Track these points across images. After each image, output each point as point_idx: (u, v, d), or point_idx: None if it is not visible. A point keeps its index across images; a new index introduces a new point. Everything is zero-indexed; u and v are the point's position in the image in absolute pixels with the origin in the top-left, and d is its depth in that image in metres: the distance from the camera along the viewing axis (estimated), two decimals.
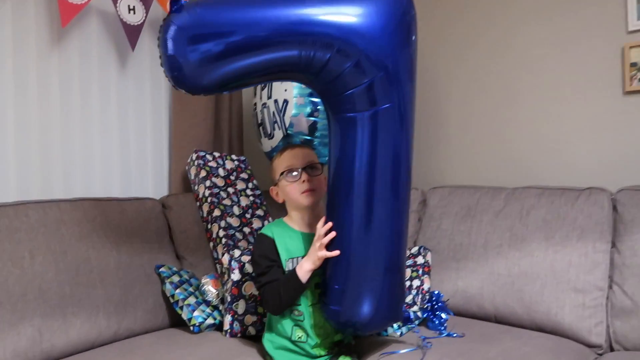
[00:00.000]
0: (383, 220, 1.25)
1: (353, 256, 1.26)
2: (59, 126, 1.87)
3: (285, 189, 1.42)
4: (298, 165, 1.40)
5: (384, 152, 1.21)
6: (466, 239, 1.76)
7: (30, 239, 1.46)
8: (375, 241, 1.25)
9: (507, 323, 1.62)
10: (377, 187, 1.23)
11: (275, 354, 1.39)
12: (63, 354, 1.42)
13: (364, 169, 1.22)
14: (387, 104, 1.19)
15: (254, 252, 1.44)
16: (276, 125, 1.93)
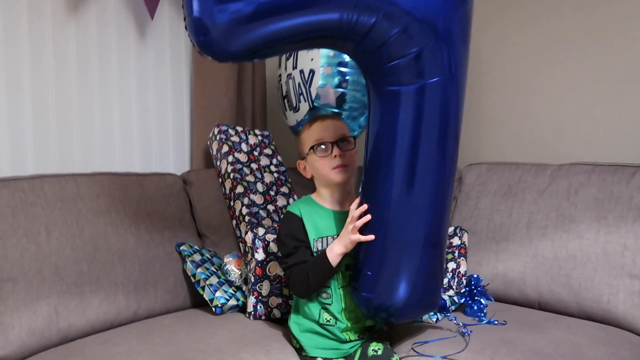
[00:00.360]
0: (425, 205, 1.13)
1: (389, 241, 1.15)
2: (77, 99, 1.80)
3: (314, 164, 1.30)
4: (329, 138, 1.28)
5: (430, 130, 1.09)
6: (507, 219, 1.63)
7: (46, 214, 1.39)
8: (415, 227, 1.14)
9: (551, 310, 1.50)
10: (420, 167, 1.11)
11: (302, 337, 1.30)
12: (80, 333, 1.36)
13: (406, 147, 1.10)
14: (436, 77, 1.06)
15: (280, 231, 1.34)
16: (302, 97, 1.81)
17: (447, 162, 1.14)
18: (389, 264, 1.17)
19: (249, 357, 1.20)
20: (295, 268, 1.26)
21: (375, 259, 1.18)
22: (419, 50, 1.04)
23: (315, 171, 1.32)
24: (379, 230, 1.16)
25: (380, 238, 1.16)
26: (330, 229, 1.30)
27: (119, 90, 1.91)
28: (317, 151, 1.28)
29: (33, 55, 1.68)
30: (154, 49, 2.01)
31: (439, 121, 1.10)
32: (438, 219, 1.17)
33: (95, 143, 1.85)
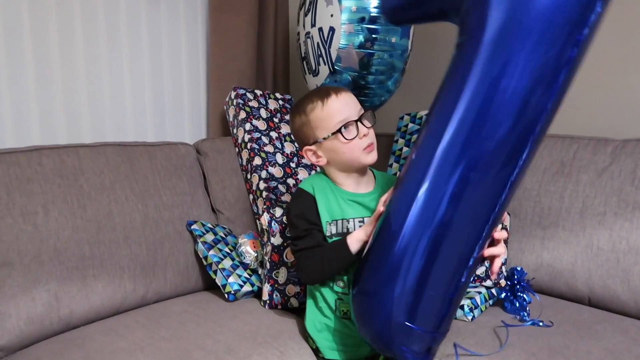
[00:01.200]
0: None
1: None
2: (84, 63, 1.66)
3: (338, 149, 1.11)
4: (354, 115, 1.10)
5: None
6: (557, 202, 1.43)
7: (44, 192, 1.28)
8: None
9: (604, 308, 1.32)
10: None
11: (319, 338, 1.17)
12: (83, 320, 1.27)
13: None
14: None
15: (291, 210, 1.18)
16: (321, 59, 1.61)
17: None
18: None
19: None
20: (306, 252, 1.12)
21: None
22: None
23: (338, 156, 1.12)
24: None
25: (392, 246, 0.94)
26: (345, 212, 1.14)
27: (129, 52, 1.76)
28: (344, 133, 1.08)
29: (33, 18, 1.53)
30: (167, 5, 1.83)
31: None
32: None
33: (105, 112, 1.72)
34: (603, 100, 1.59)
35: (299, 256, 1.14)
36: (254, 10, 1.98)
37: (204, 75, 2.01)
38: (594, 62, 1.60)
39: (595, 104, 1.60)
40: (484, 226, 0.89)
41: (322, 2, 1.60)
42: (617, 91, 1.56)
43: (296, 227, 1.15)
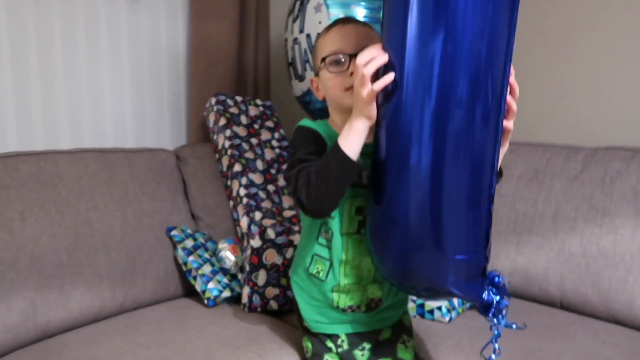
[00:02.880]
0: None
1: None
2: (62, 67, 1.64)
3: (325, 83, 1.02)
4: (347, 49, 0.98)
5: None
6: (531, 209, 1.47)
7: (20, 198, 1.26)
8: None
9: (575, 311, 1.36)
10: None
11: (306, 310, 1.09)
12: (61, 329, 1.26)
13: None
14: None
15: (293, 139, 1.04)
16: (308, 65, 1.63)
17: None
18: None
19: None
20: (304, 171, 0.94)
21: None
22: None
23: (326, 93, 1.04)
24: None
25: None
26: None
27: (108, 56, 1.75)
28: (329, 66, 0.99)
29: (10, 22, 1.51)
30: (147, 9, 1.83)
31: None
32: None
33: (83, 117, 1.71)
34: (575, 109, 1.64)
35: (296, 176, 0.94)
36: (236, 16, 1.99)
37: (184, 81, 2.01)
38: (566, 73, 1.66)
39: (567, 113, 1.65)
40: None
41: (311, 9, 1.62)
42: (589, 101, 1.61)
43: (298, 149, 0.99)
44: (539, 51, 1.67)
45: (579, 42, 1.62)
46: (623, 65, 1.54)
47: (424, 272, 0.89)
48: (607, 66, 1.58)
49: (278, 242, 1.39)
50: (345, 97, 0.99)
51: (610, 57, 1.57)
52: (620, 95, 1.55)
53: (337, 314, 1.07)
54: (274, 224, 1.41)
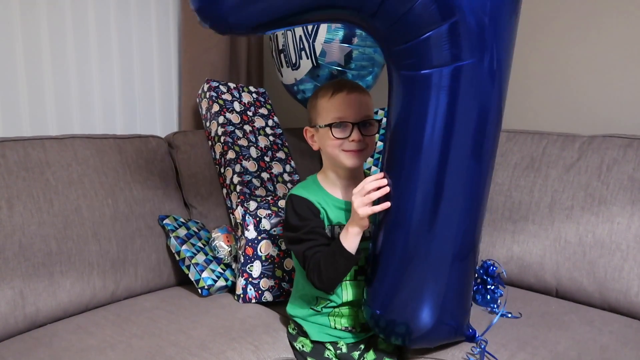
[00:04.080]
0: (456, 214, 0.96)
1: (410, 254, 0.98)
2: (50, 52, 1.60)
3: (325, 141, 1.12)
4: (351, 118, 1.09)
5: (466, 116, 0.91)
6: (527, 197, 1.46)
7: (7, 185, 1.23)
8: (442, 240, 0.97)
9: (570, 299, 1.36)
10: (452, 168, 0.94)
11: (306, 324, 1.17)
12: (50, 318, 1.23)
13: (437, 136, 0.92)
14: (474, 58, 0.87)
15: (287, 214, 1.14)
16: (304, 53, 1.60)
17: (484, 165, 0.96)
18: (408, 282, 1.00)
19: (236, 356, 1.07)
20: (311, 257, 1.07)
21: (392, 273, 1.01)
22: (452, 22, 0.85)
23: (324, 148, 1.14)
24: (397, 240, 0.99)
25: (399, 249, 0.99)
26: (336, 219, 1.13)
27: (98, 41, 1.71)
28: (334, 131, 1.09)
29: None
30: None
31: (478, 107, 0.91)
32: (470, 230, 0.99)
33: (71, 103, 1.67)
34: (571, 97, 1.63)
35: (303, 262, 1.10)
36: None
37: (175, 67, 1.97)
38: (563, 61, 1.64)
39: (564, 101, 1.64)
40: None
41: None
42: (585, 89, 1.60)
43: (296, 228, 1.11)
44: (535, 39, 1.66)
45: (576, 30, 1.61)
46: (620, 53, 1.53)
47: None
48: (605, 54, 1.56)
49: (273, 233, 1.37)
50: (343, 157, 1.11)
51: (607, 45, 1.56)
52: (617, 83, 1.54)
53: (337, 331, 1.16)
54: (269, 215, 1.39)
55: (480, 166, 0.96)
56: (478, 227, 1.02)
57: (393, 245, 1.01)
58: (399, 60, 0.93)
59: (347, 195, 1.13)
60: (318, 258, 1.06)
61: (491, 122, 0.94)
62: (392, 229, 1.00)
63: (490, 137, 0.95)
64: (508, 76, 0.94)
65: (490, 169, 1.00)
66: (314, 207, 1.11)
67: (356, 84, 1.15)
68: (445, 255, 0.98)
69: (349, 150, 1.10)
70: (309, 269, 1.07)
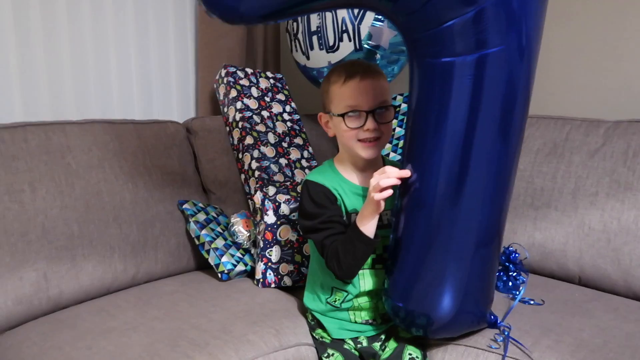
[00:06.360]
0: (479, 203, 0.94)
1: (431, 243, 0.97)
2: (68, 37, 1.60)
3: (339, 129, 1.08)
4: (365, 106, 1.04)
5: (491, 106, 0.88)
6: (549, 183, 1.43)
7: (30, 169, 1.24)
8: (466, 228, 0.95)
9: (593, 287, 1.34)
10: (476, 158, 0.91)
11: (325, 319, 1.15)
12: (73, 300, 1.25)
13: (460, 125, 0.89)
14: (501, 44, 0.84)
15: (303, 201, 1.11)
16: (346, 35, 1.57)
17: (510, 150, 0.94)
18: (430, 271, 0.98)
19: (258, 340, 1.07)
20: (329, 246, 1.05)
21: (413, 262, 0.99)
22: (478, 8, 0.81)
23: (339, 137, 1.10)
24: (418, 228, 0.98)
25: (420, 237, 0.98)
26: (357, 206, 1.09)
27: (114, 26, 1.70)
28: (348, 120, 1.05)
29: None
30: None
31: (504, 94, 0.88)
32: (495, 218, 0.97)
33: (90, 88, 1.66)
34: (595, 81, 1.59)
35: (321, 250, 1.08)
36: None
37: (192, 52, 1.96)
38: (586, 44, 1.60)
39: (587, 86, 1.61)
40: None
41: None
42: (610, 73, 1.56)
43: (312, 216, 1.08)
44: (558, 21, 1.62)
45: (599, 12, 1.56)
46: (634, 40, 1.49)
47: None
48: (629, 37, 1.52)
49: (292, 219, 1.36)
50: (357, 146, 1.07)
51: (632, 29, 1.51)
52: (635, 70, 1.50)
53: (357, 325, 1.14)
54: (289, 200, 1.38)
55: (506, 152, 0.94)
56: (503, 213, 1.00)
57: (414, 233, 0.99)
58: (419, 47, 0.91)
59: (364, 181, 1.11)
60: (336, 245, 1.04)
61: (518, 107, 0.91)
62: (413, 216, 0.99)
63: (517, 123, 0.93)
64: (537, 58, 0.92)
65: (516, 156, 0.97)
66: (330, 194, 1.09)
67: (370, 67, 1.10)
68: (468, 242, 0.96)
69: (364, 141, 1.06)
70: (327, 257, 1.06)
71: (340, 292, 1.12)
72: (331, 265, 1.05)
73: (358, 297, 1.12)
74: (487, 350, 1.04)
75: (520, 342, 1.03)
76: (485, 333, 1.09)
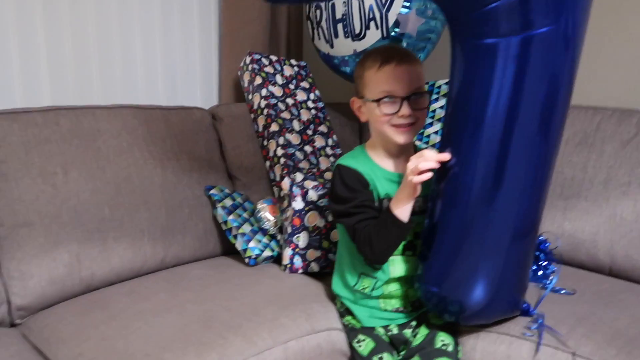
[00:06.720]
0: (517, 193, 0.93)
1: (467, 232, 0.96)
2: (94, 23, 1.60)
3: (373, 114, 1.07)
4: (401, 92, 1.03)
5: (535, 90, 0.87)
6: (580, 173, 1.42)
7: (62, 152, 1.25)
8: (503, 218, 0.94)
9: (625, 278, 1.32)
10: (517, 145, 0.90)
11: (355, 308, 1.15)
12: (104, 282, 1.26)
13: (502, 109, 0.88)
14: (548, 25, 0.82)
15: (335, 185, 1.10)
16: (373, 23, 1.56)
17: (551, 138, 0.92)
18: (466, 258, 0.98)
19: (290, 323, 1.07)
20: (361, 230, 1.04)
21: (449, 249, 0.99)
22: None
23: (373, 122, 1.09)
24: (454, 216, 0.97)
25: (457, 226, 0.97)
26: (389, 192, 1.09)
27: (140, 13, 1.70)
28: (383, 106, 1.04)
29: None
30: None
31: (548, 78, 0.87)
32: (532, 209, 0.96)
33: (115, 73, 1.67)
34: (627, 71, 1.57)
35: (353, 234, 1.07)
36: None
37: (215, 40, 1.96)
38: (618, 33, 1.57)
39: (618, 75, 1.58)
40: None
41: None
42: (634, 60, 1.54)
43: (345, 200, 1.07)
44: None
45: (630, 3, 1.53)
46: None
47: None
48: None
49: (320, 205, 1.36)
50: (391, 132, 1.06)
51: None
52: None
53: (388, 313, 1.14)
54: (316, 186, 1.38)
55: (547, 142, 0.93)
56: (541, 205, 0.99)
57: (450, 220, 0.99)
58: (463, 28, 0.89)
59: (397, 168, 1.11)
60: (369, 230, 1.03)
61: (562, 94, 0.90)
62: (450, 204, 0.98)
63: (559, 110, 0.91)
64: (583, 43, 0.90)
65: (557, 146, 0.96)
66: (363, 179, 1.08)
67: (406, 52, 1.09)
68: (504, 233, 0.95)
69: (398, 126, 1.05)
70: (359, 241, 1.05)
71: (368, 279, 1.12)
72: (363, 249, 1.05)
73: (388, 285, 1.12)
74: (521, 338, 1.04)
75: (556, 330, 1.02)
76: (518, 321, 1.08)
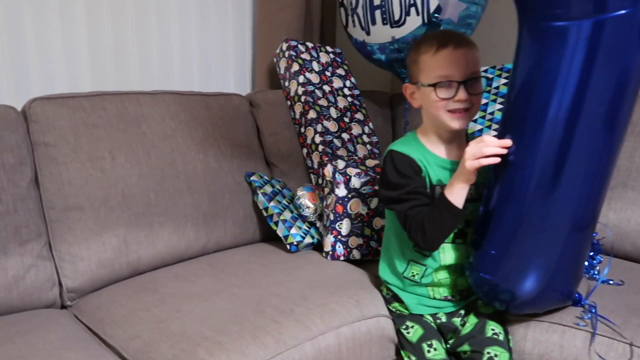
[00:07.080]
0: (579, 184, 0.91)
1: (525, 222, 0.94)
2: (133, 11, 1.61)
3: (428, 100, 1.05)
4: (457, 76, 1.01)
5: (605, 77, 0.84)
6: (626, 162, 1.39)
7: (109, 137, 1.26)
8: (562, 210, 0.92)
9: None
10: (581, 134, 0.87)
11: (405, 295, 1.15)
12: (150, 266, 1.28)
13: (568, 96, 0.85)
14: (624, 8, 0.79)
15: (387, 171, 1.08)
16: (413, 9, 1.54)
17: (616, 131, 0.89)
18: (521, 247, 0.96)
19: (340, 309, 1.08)
20: (414, 217, 1.03)
21: (504, 237, 0.98)
22: None
23: (427, 107, 1.07)
24: (511, 206, 0.96)
25: (513, 215, 0.95)
26: (442, 179, 1.08)
27: (177, 1, 1.70)
28: (439, 91, 1.02)
29: None
30: None
31: (620, 65, 0.83)
32: (592, 203, 0.94)
33: (152, 60, 1.68)
34: None
35: (404, 221, 1.06)
36: None
37: (249, 27, 1.95)
38: None
39: None
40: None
41: None
42: None
43: (397, 186, 1.06)
44: None
45: None
46: None
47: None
48: None
49: (363, 192, 1.36)
50: (446, 117, 1.04)
51: None
52: None
53: (436, 302, 1.14)
54: (359, 173, 1.38)
55: (612, 134, 0.89)
56: (601, 198, 0.96)
57: (506, 211, 0.97)
58: (532, 10, 0.87)
59: (450, 154, 1.09)
60: (422, 216, 1.03)
61: (632, 84, 0.86)
62: (507, 193, 0.96)
63: (627, 101, 0.87)
64: None
65: (622, 138, 0.92)
66: (415, 165, 1.07)
67: (463, 37, 1.07)
68: (563, 225, 0.93)
69: (454, 111, 1.03)
70: (411, 228, 1.04)
71: (417, 266, 1.12)
72: (415, 236, 1.04)
73: (438, 272, 1.11)
74: (574, 328, 1.03)
75: (610, 320, 1.01)
76: (569, 310, 1.07)
